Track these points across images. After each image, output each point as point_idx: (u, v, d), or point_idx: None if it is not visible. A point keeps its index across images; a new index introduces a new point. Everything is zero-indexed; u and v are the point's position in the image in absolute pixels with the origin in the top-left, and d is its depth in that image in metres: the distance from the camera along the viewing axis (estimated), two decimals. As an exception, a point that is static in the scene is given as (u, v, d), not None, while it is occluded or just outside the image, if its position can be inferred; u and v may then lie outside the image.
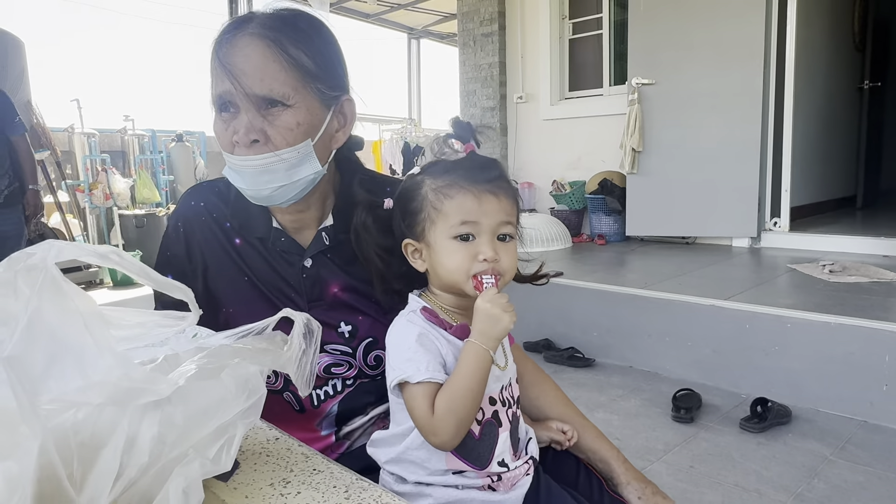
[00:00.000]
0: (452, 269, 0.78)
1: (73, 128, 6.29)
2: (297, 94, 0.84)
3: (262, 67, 0.82)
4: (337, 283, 0.93)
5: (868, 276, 3.14)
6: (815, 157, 4.85)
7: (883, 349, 2.31)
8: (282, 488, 0.64)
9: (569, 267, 3.76)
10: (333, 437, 0.94)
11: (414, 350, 0.76)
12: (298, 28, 0.86)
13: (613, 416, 2.49)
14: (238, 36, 0.84)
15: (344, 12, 7.81)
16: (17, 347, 0.48)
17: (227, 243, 0.94)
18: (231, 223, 0.95)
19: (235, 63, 0.83)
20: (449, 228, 0.78)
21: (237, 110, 0.85)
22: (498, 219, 0.78)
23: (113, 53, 55.02)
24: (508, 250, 0.80)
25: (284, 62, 0.83)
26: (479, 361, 0.74)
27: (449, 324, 0.81)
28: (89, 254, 0.56)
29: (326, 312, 0.91)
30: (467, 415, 0.74)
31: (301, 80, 0.85)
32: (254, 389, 0.61)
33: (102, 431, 0.51)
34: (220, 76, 0.84)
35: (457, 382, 0.74)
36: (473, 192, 0.78)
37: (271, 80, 0.83)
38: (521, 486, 0.83)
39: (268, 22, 0.85)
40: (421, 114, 9.59)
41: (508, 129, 5.57)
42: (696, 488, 1.93)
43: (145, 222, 5.95)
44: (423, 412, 0.74)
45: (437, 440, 0.74)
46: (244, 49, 0.83)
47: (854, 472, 1.99)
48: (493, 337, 0.75)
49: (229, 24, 0.86)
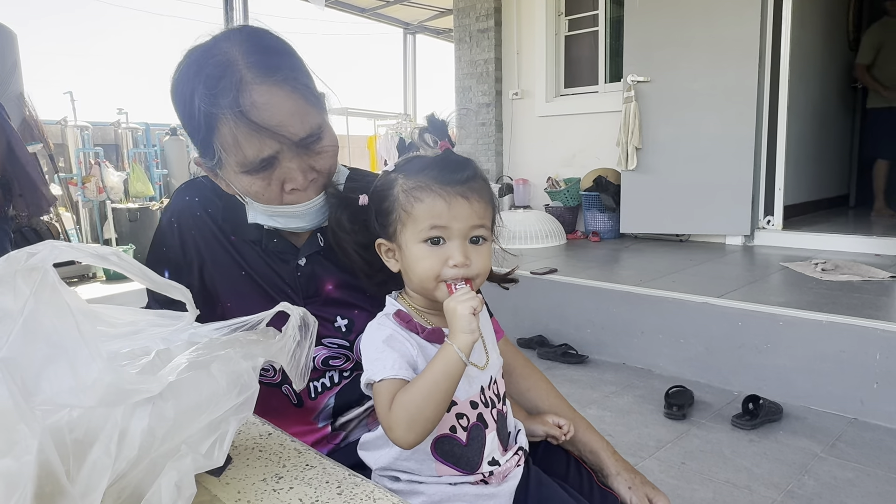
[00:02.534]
0: (422, 273, 0.77)
1: (66, 120, 6.25)
2: (320, 117, 0.83)
3: (295, 110, 0.80)
4: (332, 280, 0.92)
5: (860, 275, 3.16)
6: (809, 156, 4.87)
7: (874, 347, 2.33)
8: (274, 483, 0.64)
9: (563, 264, 3.76)
10: (329, 429, 0.94)
11: (381, 350, 0.76)
12: (281, 51, 0.83)
13: (606, 412, 2.50)
14: (249, 90, 0.78)
15: (339, 7, 7.79)
16: (12, 348, 0.48)
17: (224, 238, 0.94)
18: (226, 220, 0.95)
19: (270, 119, 0.78)
20: (419, 232, 0.77)
21: (278, 162, 0.82)
22: (469, 223, 0.77)
23: (106, 45, 54.84)
24: (481, 253, 0.78)
25: (302, 94, 0.81)
26: (445, 359, 0.72)
27: (422, 327, 0.80)
28: (90, 255, 0.56)
29: (322, 308, 0.90)
30: (420, 413, 0.71)
31: (315, 103, 0.83)
32: (246, 385, 0.61)
33: (95, 426, 0.51)
34: (257, 139, 0.79)
35: (419, 379, 0.73)
36: (443, 195, 0.76)
37: (304, 117, 0.81)
38: (513, 478, 0.83)
39: (260, 61, 0.79)
40: (416, 109, 9.57)
41: (504, 126, 5.57)
42: (687, 485, 1.94)
43: (138, 216, 5.92)
44: (382, 408, 0.73)
45: (392, 436, 0.73)
46: (269, 102, 0.78)
47: (844, 469, 2.01)
48: (463, 331, 0.72)
49: (222, 81, 0.78)
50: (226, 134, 0.80)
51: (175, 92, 0.83)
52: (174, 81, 0.83)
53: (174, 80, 0.83)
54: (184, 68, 0.82)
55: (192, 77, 0.80)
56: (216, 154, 0.82)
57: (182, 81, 0.82)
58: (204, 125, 0.80)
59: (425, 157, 0.80)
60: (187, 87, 0.80)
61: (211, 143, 0.82)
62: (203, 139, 0.82)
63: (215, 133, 0.80)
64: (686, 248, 4.18)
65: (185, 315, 0.65)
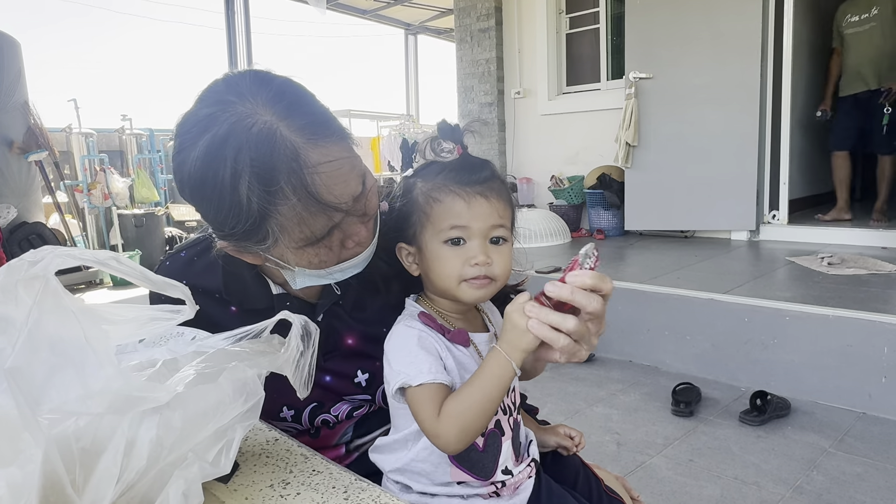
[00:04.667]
0: (444, 274, 0.77)
1: (70, 128, 6.28)
2: (360, 158, 0.75)
3: (350, 166, 0.72)
4: (350, 334, 0.88)
5: (866, 268, 3.15)
6: (813, 150, 4.85)
7: (881, 341, 2.32)
8: (281, 489, 0.65)
9: (567, 262, 3.75)
10: (343, 450, 0.93)
11: (415, 353, 0.75)
12: (307, 98, 0.72)
13: (613, 410, 2.50)
14: (307, 159, 0.67)
15: (341, 9, 7.80)
16: (18, 358, 0.49)
17: (223, 311, 0.85)
18: (221, 295, 0.86)
19: (337, 189, 0.70)
20: (439, 233, 0.76)
21: (342, 224, 0.74)
22: (489, 222, 0.76)
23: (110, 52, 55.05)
24: (502, 254, 0.78)
25: (347, 141, 0.73)
26: (499, 370, 0.70)
27: (447, 329, 0.79)
28: (89, 260, 0.57)
29: (343, 363, 0.88)
30: (474, 421, 0.71)
31: (352, 143, 0.75)
32: (252, 392, 0.62)
33: (103, 436, 0.52)
34: (325, 213, 0.70)
35: (470, 388, 0.72)
36: (462, 195, 0.76)
37: (356, 167, 0.73)
38: (525, 490, 0.83)
39: (303, 120, 0.68)
40: (419, 110, 9.58)
41: (506, 125, 5.57)
42: (695, 482, 1.94)
43: (144, 222, 5.94)
44: (427, 415, 0.72)
45: (439, 443, 0.73)
46: (330, 171, 0.69)
47: (853, 463, 2.00)
48: (520, 349, 0.70)
49: (273, 159, 0.66)
50: (286, 215, 0.68)
51: (198, 178, 0.68)
52: (197, 168, 0.67)
53: (196, 167, 0.67)
54: (208, 150, 0.66)
55: (230, 160, 0.65)
56: (270, 237, 0.70)
57: (211, 167, 0.66)
58: (257, 213, 0.67)
59: (443, 162, 0.79)
60: (223, 173, 0.66)
61: (263, 227, 0.69)
62: (252, 226, 0.69)
63: (270, 218, 0.69)
64: (691, 244, 4.17)
65: (184, 308, 0.64)
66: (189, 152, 0.67)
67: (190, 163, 0.67)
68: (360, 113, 8.37)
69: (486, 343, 0.82)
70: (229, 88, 0.69)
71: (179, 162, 0.69)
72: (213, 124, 0.66)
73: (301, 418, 0.87)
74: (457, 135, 0.80)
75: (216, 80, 0.71)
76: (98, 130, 6.76)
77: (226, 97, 0.68)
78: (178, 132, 0.70)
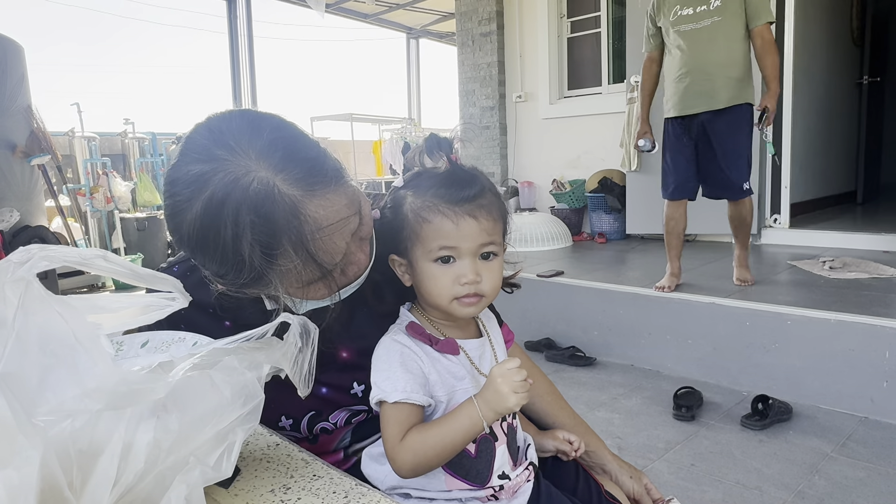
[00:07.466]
0: (434, 292, 0.78)
1: (73, 131, 6.30)
2: (355, 193, 0.75)
3: (348, 207, 0.72)
4: (344, 347, 0.88)
5: (868, 272, 3.14)
6: (815, 153, 4.85)
7: (883, 345, 2.32)
8: (282, 494, 0.65)
9: (569, 266, 3.76)
10: (342, 455, 0.93)
11: (394, 370, 0.76)
12: (304, 142, 0.71)
13: (615, 414, 2.49)
14: (305, 212, 0.67)
15: (342, 13, 7.82)
16: (9, 363, 0.48)
17: (217, 326, 0.84)
18: (215, 310, 0.83)
19: (338, 237, 0.71)
20: (428, 252, 0.77)
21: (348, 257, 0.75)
22: (477, 241, 0.76)
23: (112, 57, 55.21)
24: (491, 269, 0.78)
25: (344, 181, 0.72)
26: (469, 423, 0.73)
27: (435, 339, 0.80)
28: (73, 260, 0.56)
29: (338, 375, 0.88)
30: (431, 459, 0.74)
31: (348, 180, 0.74)
32: (251, 395, 0.61)
33: (100, 439, 0.51)
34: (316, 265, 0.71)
35: (438, 429, 0.74)
36: (451, 216, 0.76)
37: (353, 204, 0.73)
38: (523, 494, 0.83)
39: (299, 170, 0.67)
40: (421, 113, 9.59)
41: (508, 129, 5.58)
42: (697, 486, 1.93)
43: (146, 225, 5.95)
44: (391, 435, 0.74)
45: (394, 466, 0.75)
46: (331, 223, 0.69)
47: (855, 468, 2.00)
48: (495, 410, 0.73)
49: (272, 219, 0.65)
50: (287, 266, 0.68)
51: (198, 238, 0.67)
52: (196, 229, 0.66)
53: (196, 227, 0.66)
54: (206, 211, 0.65)
55: (230, 222, 0.65)
56: (272, 284, 0.71)
57: (211, 228, 0.66)
58: (259, 269, 0.68)
59: (433, 173, 0.79)
60: (224, 234, 0.65)
61: (265, 277, 0.70)
62: (254, 279, 0.69)
63: (272, 271, 0.69)
64: (693, 248, 4.17)
65: (178, 296, 0.64)
66: (185, 213, 0.66)
67: (188, 223, 0.67)
68: (362, 116, 8.38)
69: (477, 349, 0.83)
70: (217, 141, 0.66)
71: (177, 222, 0.68)
72: (208, 185, 0.65)
73: (300, 426, 0.87)
74: (444, 147, 0.80)
75: (199, 128, 0.69)
76: (101, 134, 6.78)
77: (216, 152, 0.66)
78: (170, 191, 0.68)
